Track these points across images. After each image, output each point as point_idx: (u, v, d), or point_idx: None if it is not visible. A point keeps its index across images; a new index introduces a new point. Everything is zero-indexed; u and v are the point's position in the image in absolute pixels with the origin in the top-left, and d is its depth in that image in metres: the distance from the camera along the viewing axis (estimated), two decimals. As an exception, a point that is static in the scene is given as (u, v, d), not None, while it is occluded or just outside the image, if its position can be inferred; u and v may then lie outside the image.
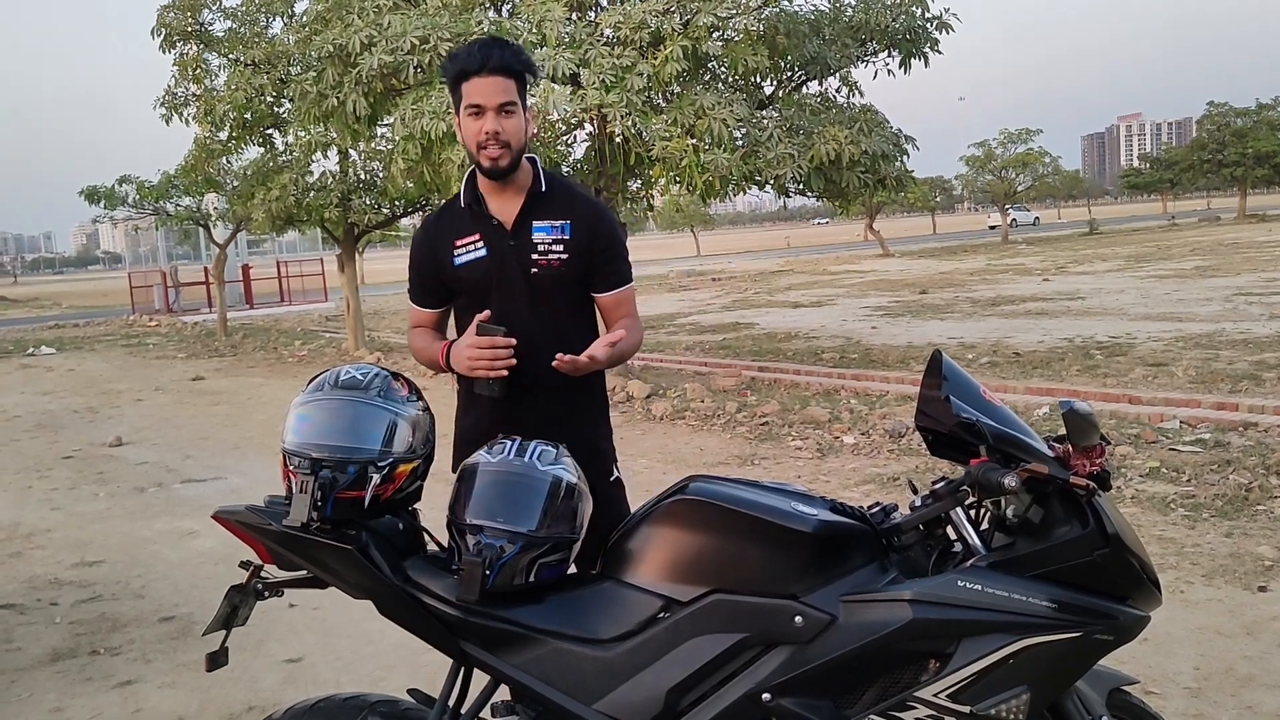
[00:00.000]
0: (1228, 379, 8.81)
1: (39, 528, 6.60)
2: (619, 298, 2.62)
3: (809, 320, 16.95)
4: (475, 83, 2.40)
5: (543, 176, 2.55)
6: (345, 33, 9.74)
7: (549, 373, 2.36)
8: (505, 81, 2.41)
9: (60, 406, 12.36)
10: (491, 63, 2.39)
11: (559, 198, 2.56)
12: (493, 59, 2.39)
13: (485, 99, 2.40)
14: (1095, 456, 1.97)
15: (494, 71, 2.40)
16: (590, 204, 2.63)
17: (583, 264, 2.53)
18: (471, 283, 2.53)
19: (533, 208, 2.52)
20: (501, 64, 2.40)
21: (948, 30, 11.00)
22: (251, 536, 2.15)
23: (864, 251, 44.31)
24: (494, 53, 2.40)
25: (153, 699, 3.93)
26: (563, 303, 2.53)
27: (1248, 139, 45.96)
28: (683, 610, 2.01)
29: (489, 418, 2.46)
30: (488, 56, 2.39)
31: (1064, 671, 1.94)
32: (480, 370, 2.37)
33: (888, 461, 7.01)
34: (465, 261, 2.52)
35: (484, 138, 2.40)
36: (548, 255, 2.50)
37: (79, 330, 26.05)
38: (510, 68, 2.42)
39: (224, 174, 17.91)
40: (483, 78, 2.40)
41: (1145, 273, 21.57)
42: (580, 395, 2.56)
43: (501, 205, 2.52)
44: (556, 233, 2.51)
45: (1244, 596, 4.32)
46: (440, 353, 2.50)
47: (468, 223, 2.54)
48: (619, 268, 2.62)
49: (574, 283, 2.55)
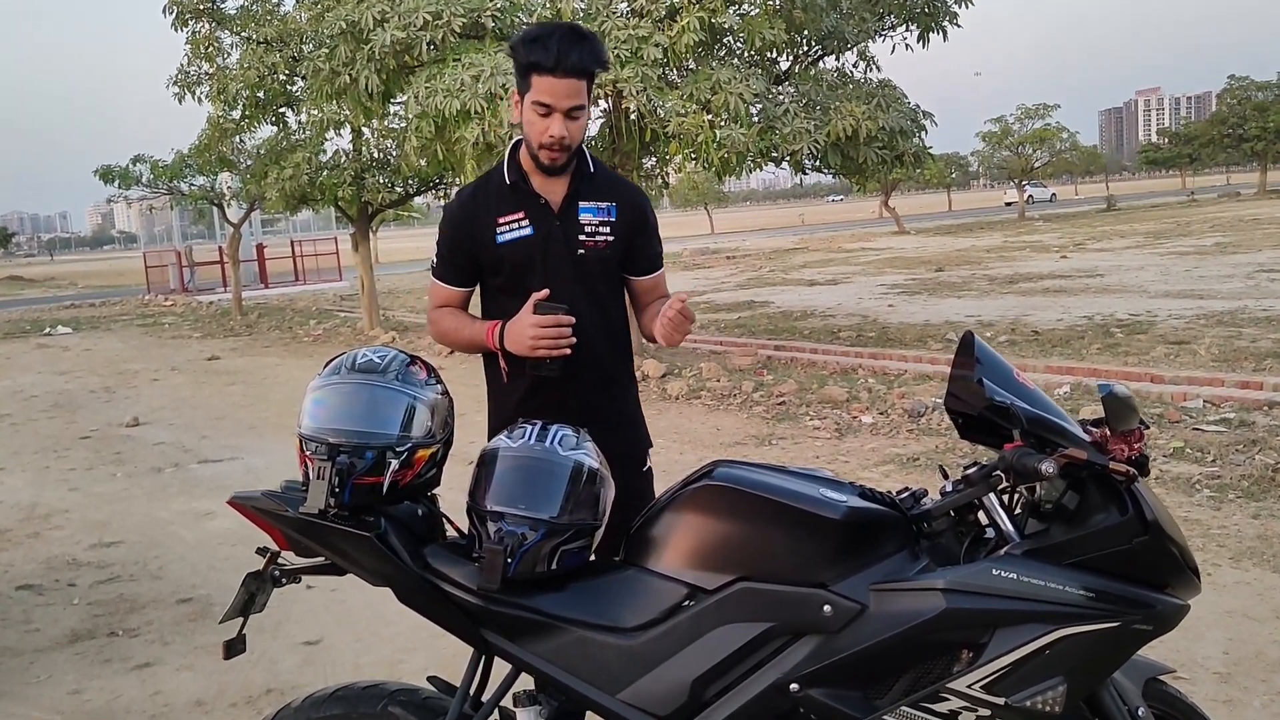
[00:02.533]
0: (1251, 357, 8.70)
1: (57, 508, 6.61)
2: (656, 280, 2.61)
3: (825, 298, 16.85)
4: (547, 81, 2.29)
5: (589, 158, 2.50)
6: (358, 9, 9.67)
7: (593, 357, 2.37)
8: (578, 84, 2.32)
9: (77, 386, 12.40)
10: (566, 64, 2.27)
11: (603, 180, 2.51)
12: (569, 61, 2.27)
13: (555, 100, 2.31)
14: (1134, 441, 1.91)
15: (568, 73, 2.29)
16: (631, 187, 2.61)
17: (625, 246, 2.50)
18: (513, 262, 2.44)
19: (580, 189, 2.46)
20: (578, 66, 2.29)
21: (967, 4, 10.86)
22: (268, 523, 2.11)
23: (879, 229, 44.05)
24: (572, 54, 2.27)
25: (171, 681, 3.92)
26: (605, 284, 2.50)
27: (1269, 113, 45.38)
28: (708, 599, 1.96)
29: (529, 404, 2.40)
30: (564, 57, 2.27)
31: (1101, 662, 1.89)
32: (543, 349, 2.31)
33: (907, 441, 6.95)
34: (509, 240, 2.43)
35: (549, 139, 2.33)
36: (595, 237, 2.45)
37: (95, 310, 26.14)
38: (585, 69, 2.32)
39: (237, 153, 17.88)
40: (556, 78, 2.29)
41: (1165, 249, 21.36)
42: (619, 380, 2.55)
43: (546, 184, 2.45)
44: (603, 215, 2.46)
45: (1273, 579, 4.25)
46: (488, 332, 2.41)
47: (511, 200, 2.45)
48: (657, 250, 2.61)
49: (615, 265, 2.51)
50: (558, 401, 2.37)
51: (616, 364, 2.52)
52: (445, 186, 16.09)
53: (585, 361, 2.39)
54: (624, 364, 2.57)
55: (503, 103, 8.48)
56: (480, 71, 8.68)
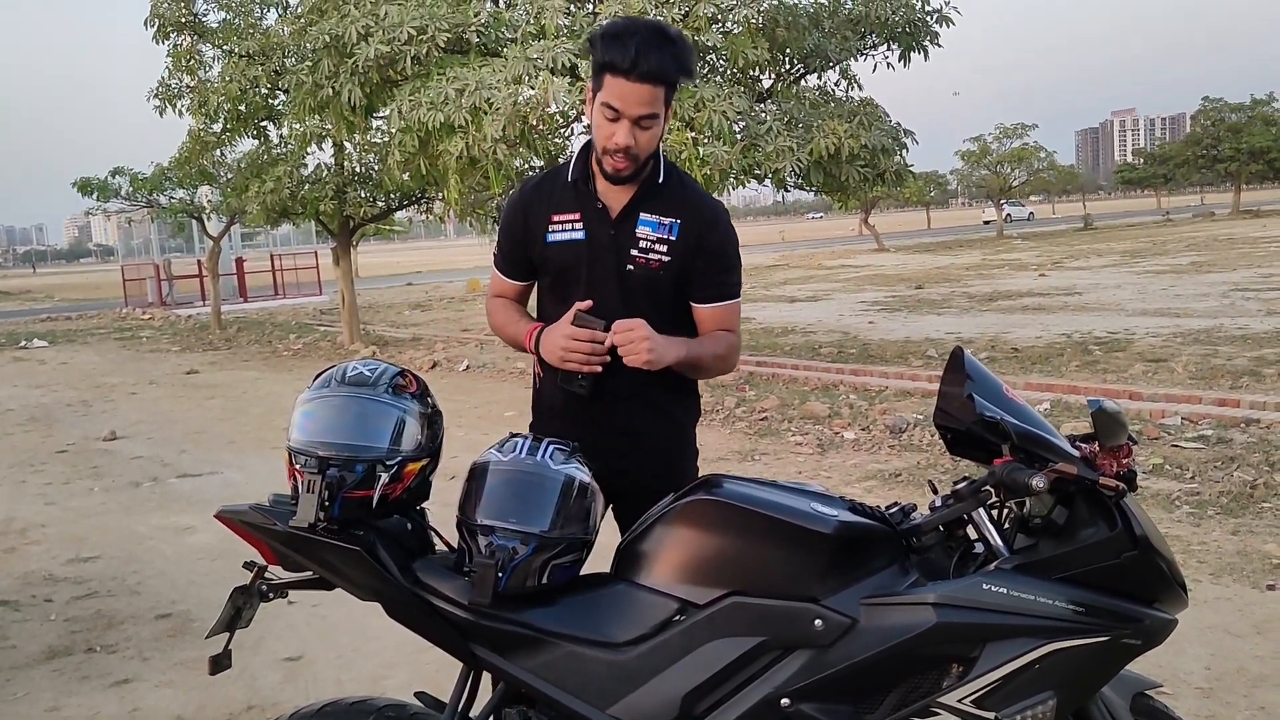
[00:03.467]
0: (1228, 375, 8.79)
1: (33, 523, 6.53)
2: (718, 312, 2.34)
3: (806, 315, 16.91)
4: (620, 84, 2.10)
5: (663, 165, 2.30)
6: (342, 23, 9.67)
7: (632, 383, 2.22)
8: (654, 91, 2.11)
9: (53, 400, 12.27)
10: (643, 68, 2.07)
11: (674, 192, 2.30)
12: (645, 64, 2.07)
13: (625, 106, 2.11)
14: (1123, 456, 1.93)
15: (644, 79, 2.09)
16: (708, 206, 2.35)
17: (684, 270, 2.28)
18: (559, 266, 2.31)
19: (644, 198, 2.27)
20: (655, 71, 2.09)
21: (948, 24, 10.96)
22: (256, 537, 2.09)
23: (859, 246, 44.29)
24: (651, 57, 2.07)
25: (150, 698, 3.87)
26: (655, 308, 2.25)
27: (1242, 134, 45.97)
28: (699, 613, 1.96)
29: (562, 419, 2.31)
30: (640, 59, 2.06)
31: (1090, 676, 1.90)
32: (573, 364, 2.20)
33: (889, 457, 6.97)
34: (558, 241, 2.29)
35: (614, 146, 2.15)
36: (648, 254, 2.26)
37: (71, 323, 25.91)
38: (664, 76, 2.12)
39: (218, 166, 17.81)
40: (630, 81, 2.09)
41: (1141, 268, 21.58)
42: (669, 408, 2.36)
43: (610, 188, 2.26)
44: (663, 230, 2.26)
45: (1252, 595, 4.29)
46: (528, 335, 2.31)
47: (571, 198, 2.30)
48: (723, 279, 2.33)
49: (670, 288, 2.29)
50: (592, 422, 2.29)
51: (660, 393, 2.32)
52: (428, 201, 16.09)
53: (623, 386, 2.25)
54: (671, 394, 2.36)
55: (486, 116, 8.49)
56: (464, 85, 8.69)
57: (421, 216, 18.27)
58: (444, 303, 25.34)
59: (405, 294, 30.11)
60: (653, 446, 2.35)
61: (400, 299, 27.89)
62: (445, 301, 25.69)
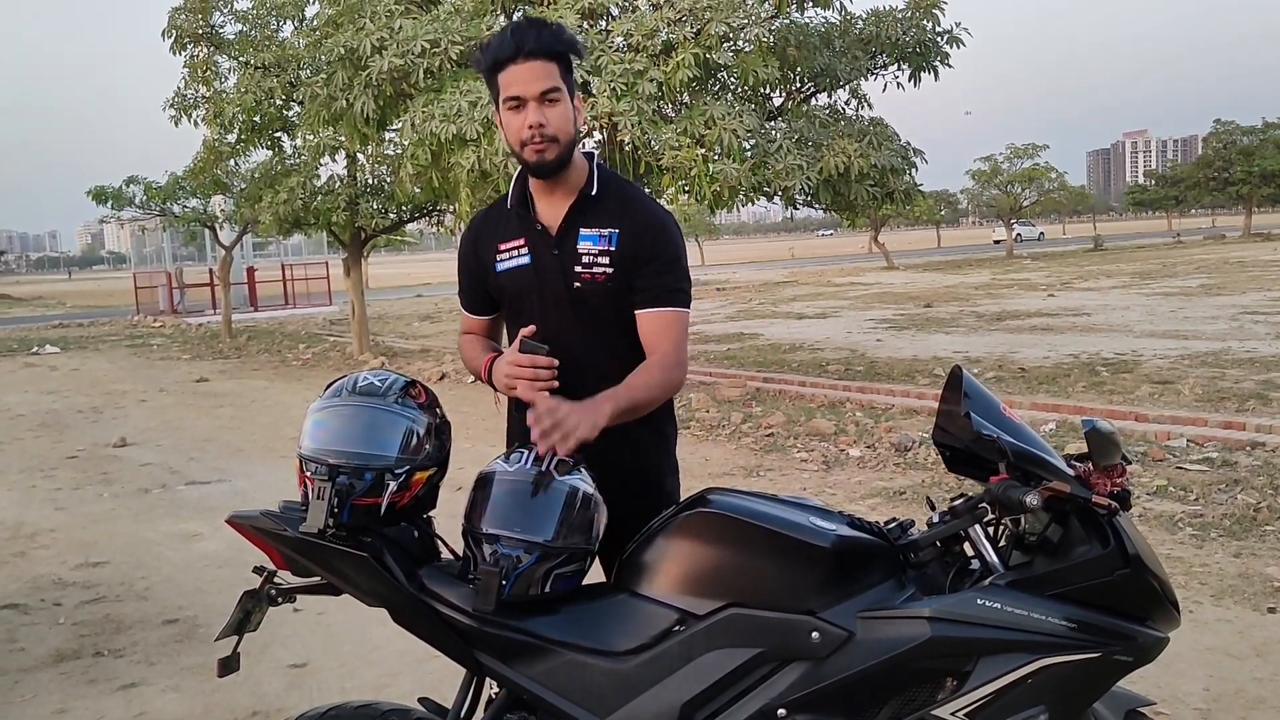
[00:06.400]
0: (1234, 398, 8.79)
1: (43, 528, 6.59)
2: (656, 320, 2.25)
3: (814, 332, 16.93)
4: (512, 71, 2.14)
5: (597, 177, 2.28)
6: (356, 36, 9.78)
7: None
8: (546, 65, 2.14)
9: (64, 406, 12.36)
10: (528, 46, 2.12)
11: (612, 202, 2.27)
12: (528, 42, 2.12)
13: (524, 88, 2.14)
14: (1116, 475, 1.96)
15: (531, 56, 2.13)
16: (646, 211, 2.29)
17: (628, 278, 2.24)
18: (512, 293, 2.31)
19: (580, 213, 2.25)
20: (540, 46, 2.13)
21: (958, 44, 11.03)
22: (266, 542, 2.13)
23: (868, 264, 44.31)
24: (529, 35, 2.13)
25: (156, 702, 3.91)
26: (611, 322, 2.25)
27: (1254, 157, 45.99)
28: (698, 624, 1.99)
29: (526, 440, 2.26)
30: (522, 40, 2.13)
31: (1082, 692, 1.93)
32: (519, 391, 2.18)
33: (894, 475, 6.99)
34: (507, 269, 2.30)
35: (527, 133, 2.15)
36: (592, 268, 2.23)
37: (83, 330, 26.07)
38: (550, 49, 2.15)
39: (231, 176, 17.96)
40: (520, 64, 2.13)
41: (1150, 290, 21.55)
42: (633, 427, 2.23)
43: (549, 208, 2.27)
44: (603, 242, 2.23)
45: (1253, 617, 4.30)
46: (484, 365, 2.30)
47: (514, 224, 2.31)
48: (661, 283, 2.25)
49: (623, 300, 2.25)
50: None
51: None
52: (439, 213, 16.18)
53: None
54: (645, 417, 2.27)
55: (498, 130, 8.56)
56: (477, 98, 8.77)
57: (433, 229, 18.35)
58: (453, 315, 25.41)
59: (415, 305, 30.23)
60: (634, 466, 2.31)
61: (410, 310, 28.02)
62: (454, 314, 25.67)
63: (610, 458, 2.18)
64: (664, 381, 2.24)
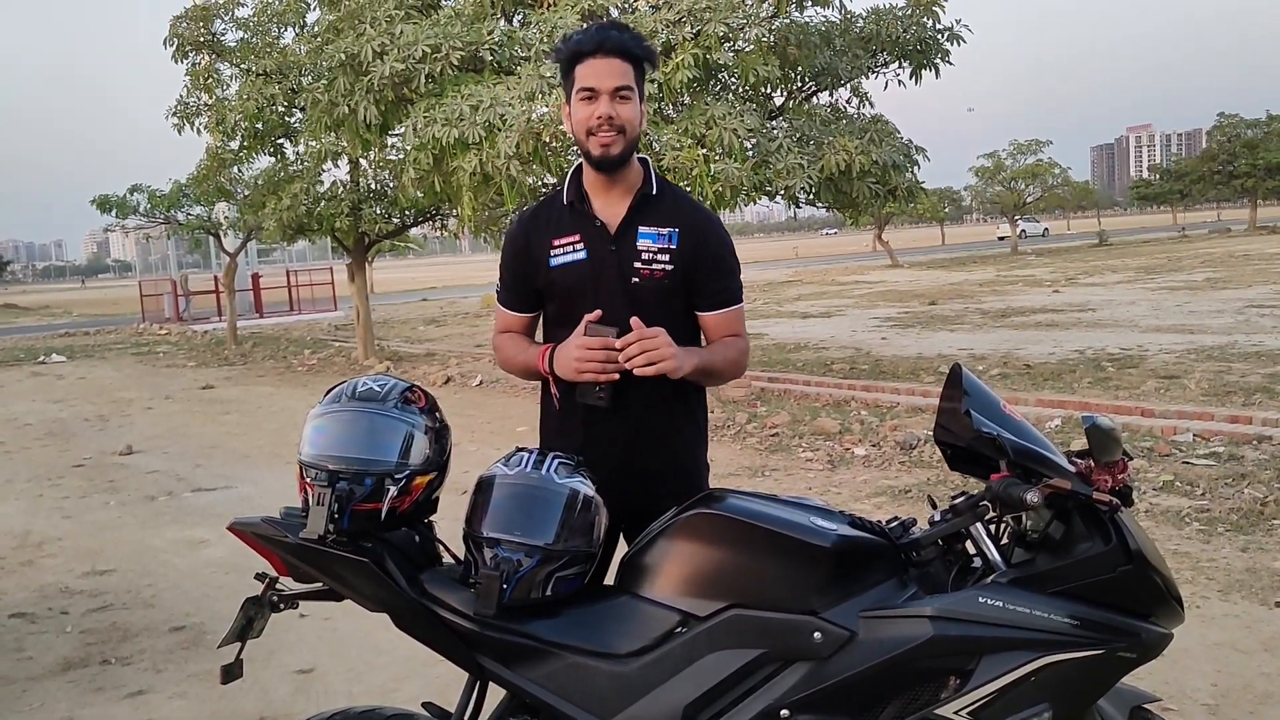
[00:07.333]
0: (1241, 392, 8.76)
1: (50, 536, 6.60)
2: (724, 318, 2.39)
3: (818, 331, 16.92)
4: (590, 64, 2.25)
5: (654, 178, 2.38)
6: (357, 41, 9.79)
7: (646, 392, 2.25)
8: (623, 65, 2.25)
9: (71, 414, 12.39)
10: (609, 45, 2.24)
11: (668, 203, 2.37)
12: (610, 41, 2.24)
13: (600, 81, 2.23)
14: (1117, 472, 1.95)
15: (611, 53, 2.24)
16: (701, 213, 2.42)
17: (688, 277, 2.33)
18: (565, 288, 2.34)
19: (640, 211, 2.33)
20: (619, 46, 2.25)
21: (959, 42, 11.01)
22: (267, 549, 2.14)
23: (872, 262, 44.26)
24: (611, 34, 2.26)
25: (164, 709, 3.92)
26: (664, 317, 2.26)
27: (1259, 150, 45.82)
28: (700, 625, 1.99)
29: (579, 434, 2.32)
30: (605, 38, 2.25)
31: (1086, 689, 1.92)
32: (589, 374, 2.20)
33: (899, 474, 6.98)
34: (561, 264, 2.34)
35: (596, 122, 2.23)
36: (651, 265, 2.31)
37: (89, 338, 26.13)
38: (629, 51, 2.26)
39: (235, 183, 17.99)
40: (598, 59, 2.24)
41: (1156, 284, 21.51)
42: (678, 417, 2.38)
43: (606, 205, 2.34)
44: (663, 241, 2.31)
45: (1261, 612, 4.28)
46: (540, 356, 2.32)
47: (568, 221, 2.35)
48: (726, 284, 2.39)
49: (677, 296, 2.34)
50: (606, 438, 2.31)
51: (672, 403, 2.35)
52: (442, 217, 16.20)
53: (637, 401, 2.29)
54: (681, 403, 2.39)
55: (500, 133, 8.57)
56: (479, 102, 8.78)
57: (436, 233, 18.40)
58: (458, 318, 25.46)
59: (420, 309, 30.26)
60: (664, 455, 2.37)
61: (415, 314, 28.03)
62: (459, 317, 25.80)
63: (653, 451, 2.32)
64: (738, 360, 2.41)
